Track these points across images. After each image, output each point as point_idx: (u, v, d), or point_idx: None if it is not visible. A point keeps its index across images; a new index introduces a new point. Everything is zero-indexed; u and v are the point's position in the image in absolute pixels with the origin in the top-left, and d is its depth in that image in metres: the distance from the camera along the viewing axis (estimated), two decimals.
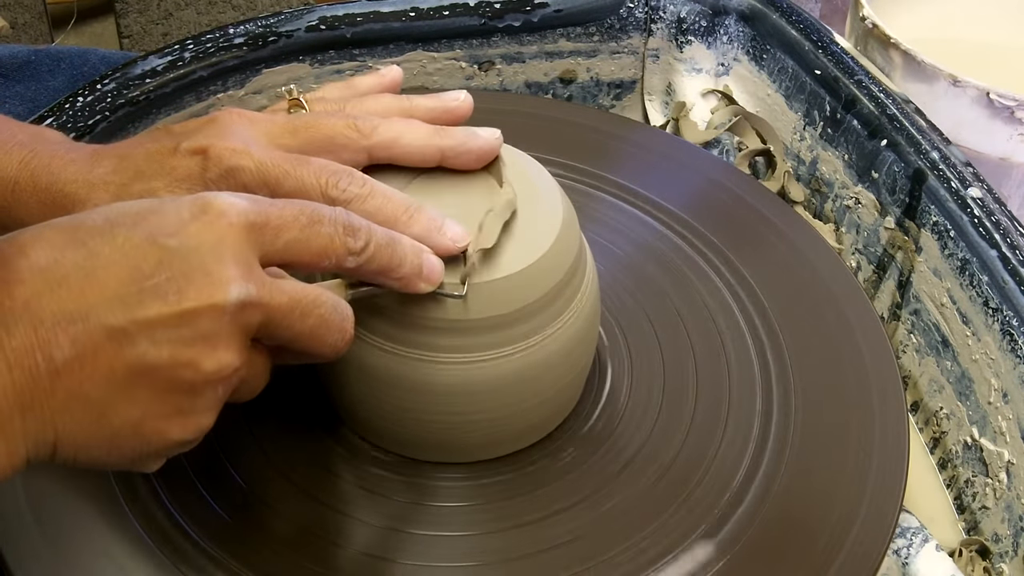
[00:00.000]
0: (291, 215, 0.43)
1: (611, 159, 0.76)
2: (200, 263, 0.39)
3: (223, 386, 0.42)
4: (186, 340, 0.39)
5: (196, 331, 0.39)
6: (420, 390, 0.53)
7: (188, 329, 0.39)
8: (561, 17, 0.86)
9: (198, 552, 0.52)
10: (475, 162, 0.55)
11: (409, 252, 0.48)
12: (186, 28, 1.63)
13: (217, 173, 0.48)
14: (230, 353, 0.41)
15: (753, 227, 0.72)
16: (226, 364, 0.41)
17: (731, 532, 0.54)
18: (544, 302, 0.53)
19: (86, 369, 0.38)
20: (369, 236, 0.46)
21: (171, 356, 0.39)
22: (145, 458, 0.42)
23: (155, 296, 0.38)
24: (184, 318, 0.39)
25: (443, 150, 0.54)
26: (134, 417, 0.40)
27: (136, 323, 0.38)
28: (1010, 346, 0.63)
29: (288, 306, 0.43)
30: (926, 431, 0.71)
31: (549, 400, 0.56)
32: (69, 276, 0.38)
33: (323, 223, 0.44)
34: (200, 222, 0.40)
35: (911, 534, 0.61)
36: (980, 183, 0.70)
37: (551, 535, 0.54)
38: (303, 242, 0.43)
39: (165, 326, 0.39)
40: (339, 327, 0.45)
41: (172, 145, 0.50)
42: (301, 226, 0.43)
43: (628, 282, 0.67)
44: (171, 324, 0.39)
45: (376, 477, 0.56)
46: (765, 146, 0.85)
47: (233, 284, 0.40)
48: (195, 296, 0.39)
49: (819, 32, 0.83)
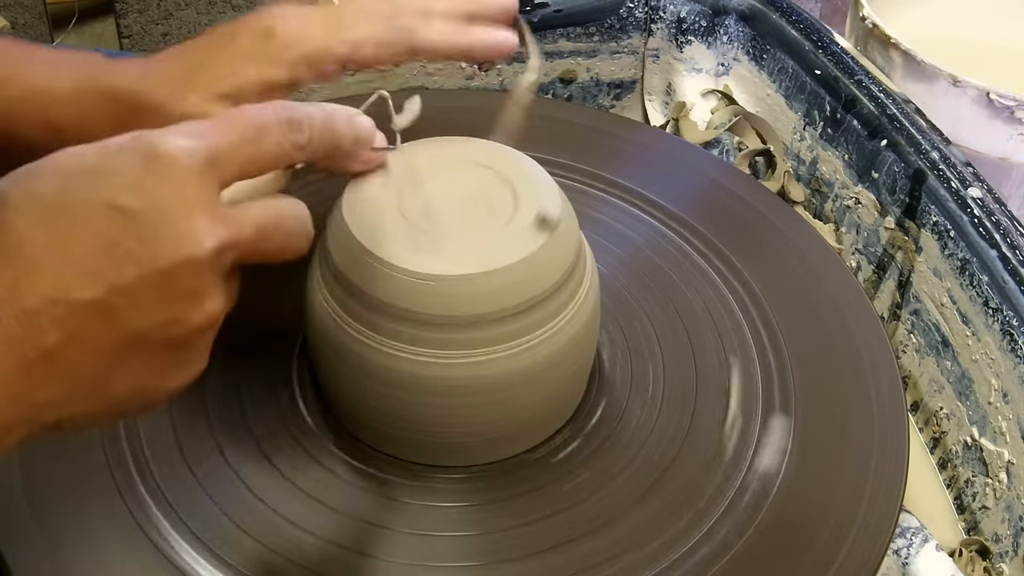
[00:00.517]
0: (238, 137, 0.42)
1: (611, 159, 0.76)
2: (166, 220, 0.38)
3: (212, 330, 0.42)
4: (170, 299, 0.39)
5: (178, 288, 0.39)
6: (419, 388, 0.53)
7: (170, 288, 0.38)
8: (561, 17, 0.86)
9: (198, 552, 0.52)
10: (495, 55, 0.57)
11: (344, 125, 0.47)
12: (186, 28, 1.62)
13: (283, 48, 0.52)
14: (215, 300, 0.40)
15: (753, 227, 0.72)
16: (213, 311, 0.40)
17: (731, 532, 0.54)
18: (543, 298, 0.53)
19: (77, 349, 0.38)
20: (311, 125, 0.45)
21: (159, 318, 0.39)
22: (146, 409, 0.42)
23: (128, 262, 0.38)
24: (163, 278, 0.38)
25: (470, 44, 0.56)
26: (132, 382, 0.40)
27: (116, 293, 0.38)
28: (1010, 346, 0.63)
29: (256, 235, 0.42)
30: (926, 431, 0.71)
31: (549, 400, 0.56)
32: (41, 259, 0.37)
33: (269, 131, 0.43)
34: (154, 174, 0.38)
35: (911, 534, 0.61)
36: (980, 183, 0.70)
37: (551, 536, 0.54)
38: (255, 157, 0.42)
39: (146, 290, 0.38)
40: (302, 231, 0.45)
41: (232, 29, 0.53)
42: (249, 141, 0.42)
43: (628, 282, 0.67)
44: (152, 287, 0.38)
45: (376, 478, 0.56)
46: (765, 146, 0.85)
47: (203, 235, 0.39)
48: (169, 255, 0.38)
49: (819, 32, 0.83)
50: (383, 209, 0.53)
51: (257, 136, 0.42)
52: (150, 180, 0.38)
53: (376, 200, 0.54)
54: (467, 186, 0.55)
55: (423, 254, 0.51)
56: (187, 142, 0.40)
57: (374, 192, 0.54)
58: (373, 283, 0.52)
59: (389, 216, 0.53)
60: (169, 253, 0.38)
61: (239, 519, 0.53)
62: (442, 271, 0.51)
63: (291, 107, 0.45)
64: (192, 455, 0.56)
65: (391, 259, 0.51)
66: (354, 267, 0.52)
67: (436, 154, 0.57)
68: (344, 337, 0.53)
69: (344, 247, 0.53)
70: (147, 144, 0.39)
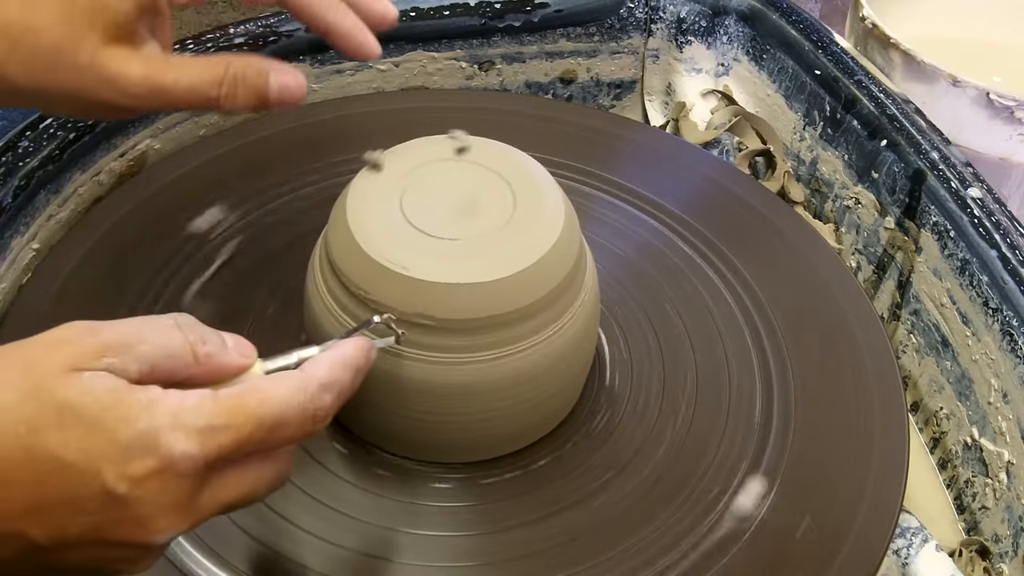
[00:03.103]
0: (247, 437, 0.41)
1: (611, 159, 0.76)
2: (136, 513, 0.40)
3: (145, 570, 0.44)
4: (111, 559, 0.41)
5: (122, 555, 0.41)
6: (420, 390, 0.53)
7: (114, 552, 0.41)
8: (561, 17, 0.86)
9: (197, 552, 0.52)
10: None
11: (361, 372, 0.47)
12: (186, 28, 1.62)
13: None
14: (151, 560, 0.43)
15: (753, 227, 0.72)
16: (146, 567, 0.43)
17: (731, 532, 0.54)
18: (545, 302, 0.53)
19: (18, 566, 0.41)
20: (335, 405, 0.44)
21: (95, 566, 0.42)
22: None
23: (91, 529, 0.40)
24: (113, 547, 0.41)
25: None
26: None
27: (68, 544, 0.40)
28: (1010, 346, 0.63)
29: (220, 511, 0.43)
30: (926, 431, 0.71)
31: (549, 400, 0.56)
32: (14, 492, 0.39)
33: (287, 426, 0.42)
34: (145, 467, 0.39)
35: (911, 534, 0.61)
36: (980, 183, 0.70)
37: (550, 535, 0.54)
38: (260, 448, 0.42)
39: (95, 548, 0.41)
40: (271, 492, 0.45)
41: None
42: (259, 442, 0.42)
43: (628, 282, 0.67)
44: (100, 548, 0.41)
45: (375, 477, 0.56)
46: (765, 146, 0.85)
47: (163, 533, 0.41)
48: (125, 536, 0.40)
49: (819, 32, 0.83)
50: (384, 210, 0.53)
51: (272, 432, 0.42)
52: (141, 470, 0.39)
53: (377, 201, 0.54)
54: (467, 186, 0.55)
55: (424, 258, 0.51)
56: (192, 449, 0.40)
57: (375, 193, 0.54)
58: (374, 286, 0.52)
59: (390, 217, 0.53)
60: (126, 535, 0.40)
61: (239, 519, 0.53)
62: (445, 278, 0.51)
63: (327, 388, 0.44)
64: None
65: (392, 263, 0.51)
66: (355, 269, 0.52)
67: (436, 154, 0.57)
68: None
69: (345, 249, 0.53)
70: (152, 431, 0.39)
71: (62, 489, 0.39)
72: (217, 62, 0.49)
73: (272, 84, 0.49)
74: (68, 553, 0.40)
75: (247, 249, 0.67)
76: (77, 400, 0.39)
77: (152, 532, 0.40)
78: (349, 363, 0.45)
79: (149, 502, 0.39)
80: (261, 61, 0.50)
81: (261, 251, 0.67)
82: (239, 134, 0.76)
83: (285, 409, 0.42)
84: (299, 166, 0.73)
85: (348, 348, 0.45)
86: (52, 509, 0.39)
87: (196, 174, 0.72)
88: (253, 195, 0.71)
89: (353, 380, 0.45)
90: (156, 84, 0.49)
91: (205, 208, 0.70)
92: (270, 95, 0.49)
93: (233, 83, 0.49)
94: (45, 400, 0.39)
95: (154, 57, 0.50)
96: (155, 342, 0.42)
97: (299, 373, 0.44)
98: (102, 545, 0.40)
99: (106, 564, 0.41)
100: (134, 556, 0.41)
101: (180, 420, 0.40)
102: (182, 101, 0.49)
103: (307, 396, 0.43)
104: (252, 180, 0.72)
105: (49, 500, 0.39)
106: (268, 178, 0.72)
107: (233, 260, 0.67)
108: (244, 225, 0.68)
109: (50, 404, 0.39)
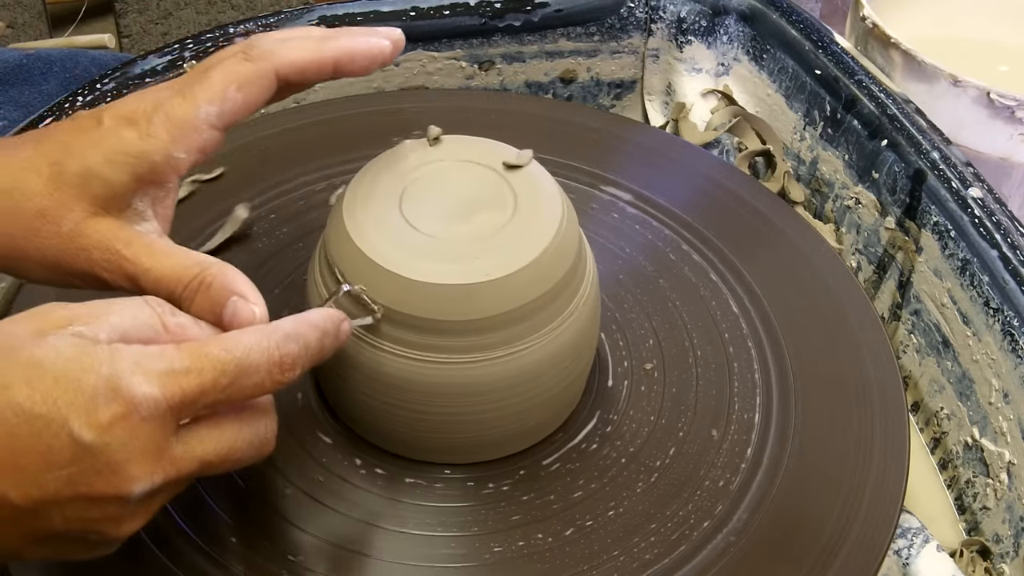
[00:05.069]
0: (211, 383, 0.42)
1: (611, 159, 0.76)
2: (109, 459, 0.40)
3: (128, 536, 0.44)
4: (93, 519, 0.42)
5: (103, 512, 0.41)
6: (420, 390, 0.53)
7: (96, 510, 0.41)
8: (561, 17, 0.86)
9: (197, 552, 0.52)
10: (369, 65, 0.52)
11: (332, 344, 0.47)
12: (186, 28, 1.62)
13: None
14: (135, 523, 0.43)
15: (753, 227, 0.72)
16: (131, 530, 0.43)
17: (731, 533, 0.54)
18: (544, 301, 0.53)
19: (3, 532, 0.41)
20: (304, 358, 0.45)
21: (78, 527, 0.42)
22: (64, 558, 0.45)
23: (67, 483, 0.40)
24: (92, 502, 0.41)
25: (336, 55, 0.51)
26: (46, 554, 0.44)
27: (48, 503, 0.40)
28: (1011, 346, 0.63)
29: (199, 469, 0.43)
30: (926, 431, 0.71)
31: (549, 400, 0.56)
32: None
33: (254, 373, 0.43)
34: (111, 412, 0.40)
35: (912, 534, 0.61)
36: (980, 183, 0.70)
37: (551, 535, 0.54)
38: (228, 398, 0.43)
39: (73, 507, 0.41)
40: (254, 456, 0.46)
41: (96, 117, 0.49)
42: (223, 388, 0.42)
43: (628, 282, 0.67)
44: (80, 506, 0.41)
45: (376, 477, 0.56)
46: (765, 147, 0.85)
47: (138, 480, 0.41)
48: (102, 487, 0.41)
49: (819, 32, 0.83)
50: (383, 211, 0.53)
51: (237, 378, 0.42)
52: (107, 416, 0.40)
53: (376, 201, 0.54)
54: (467, 185, 0.55)
55: (424, 259, 0.51)
56: (153, 391, 0.40)
57: (374, 193, 0.54)
58: (374, 287, 0.52)
59: (389, 218, 0.53)
60: (103, 486, 0.41)
61: (239, 518, 0.53)
62: (444, 279, 0.51)
63: (292, 338, 0.44)
64: None
65: (391, 264, 0.51)
66: (354, 270, 0.52)
67: (436, 153, 0.56)
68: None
69: (343, 249, 0.53)
70: (115, 376, 0.40)
71: (33, 441, 0.39)
72: (193, 263, 0.47)
73: (228, 309, 0.46)
74: (50, 514, 0.41)
75: (247, 249, 0.67)
76: (43, 356, 0.40)
77: (127, 480, 0.40)
78: (315, 323, 0.46)
79: (118, 448, 0.40)
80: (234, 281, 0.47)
81: (261, 251, 0.67)
82: (239, 134, 0.76)
83: (249, 353, 0.42)
84: (299, 166, 0.73)
85: (314, 311, 0.46)
86: (26, 464, 0.39)
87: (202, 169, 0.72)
88: (253, 195, 0.71)
89: (320, 341, 0.46)
90: (129, 270, 0.48)
91: (205, 208, 0.70)
92: (223, 316, 0.46)
93: (195, 289, 0.47)
94: (12, 360, 0.40)
95: (138, 238, 0.48)
96: (124, 314, 0.43)
97: (264, 324, 0.45)
98: (81, 501, 0.41)
99: (90, 525, 0.42)
100: (116, 513, 0.42)
101: (141, 365, 0.40)
102: (149, 291, 0.47)
103: (272, 342, 0.43)
104: (252, 180, 0.72)
105: (21, 455, 0.39)
106: (268, 178, 0.72)
107: (232, 260, 0.66)
108: (244, 225, 0.68)
109: (17, 363, 0.40)
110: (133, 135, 0.48)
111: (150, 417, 0.40)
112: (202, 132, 0.49)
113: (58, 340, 0.40)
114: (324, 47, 0.51)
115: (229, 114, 0.49)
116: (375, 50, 0.51)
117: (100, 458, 0.40)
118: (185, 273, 0.47)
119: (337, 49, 0.51)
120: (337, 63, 0.51)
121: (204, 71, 0.50)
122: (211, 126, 0.49)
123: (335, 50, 0.51)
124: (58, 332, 0.41)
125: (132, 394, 0.40)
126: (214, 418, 0.44)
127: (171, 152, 0.48)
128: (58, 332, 0.41)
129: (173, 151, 0.48)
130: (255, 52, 0.50)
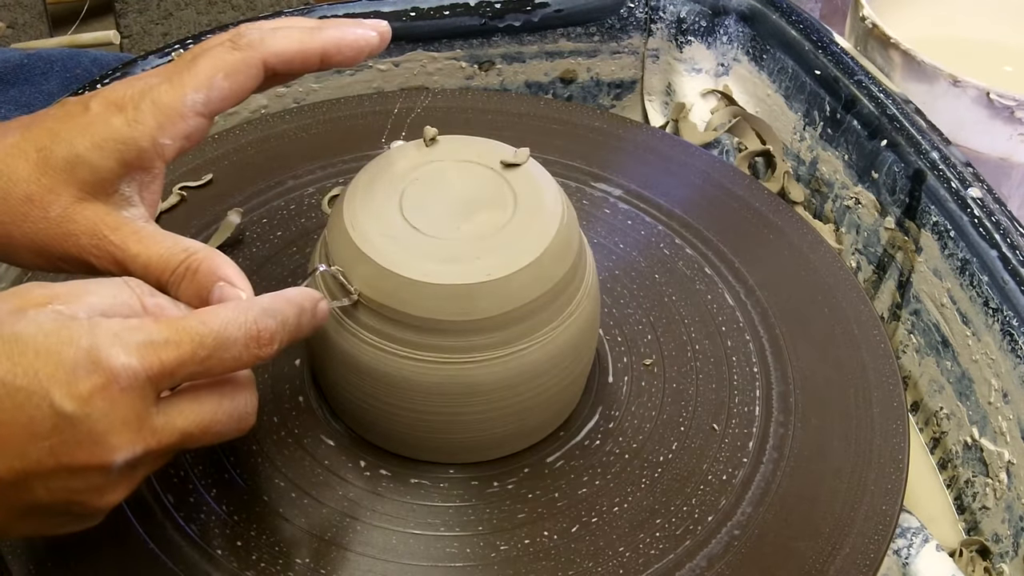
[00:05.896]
0: (189, 355, 0.42)
1: (611, 159, 0.76)
2: (90, 428, 0.41)
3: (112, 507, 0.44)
4: (77, 489, 0.42)
5: (86, 482, 0.42)
6: (421, 390, 0.53)
7: (78, 481, 0.42)
8: (561, 17, 0.86)
9: (197, 552, 0.52)
10: (356, 56, 0.52)
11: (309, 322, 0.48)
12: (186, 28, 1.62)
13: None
14: (117, 494, 0.44)
15: (753, 227, 0.72)
16: (113, 501, 0.44)
17: (731, 532, 0.54)
18: (544, 301, 0.53)
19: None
20: (281, 333, 0.45)
21: (62, 497, 0.42)
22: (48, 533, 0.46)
23: (49, 454, 0.41)
24: (75, 472, 0.41)
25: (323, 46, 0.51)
26: (31, 529, 0.44)
27: (31, 475, 0.41)
28: (1010, 346, 0.63)
29: (180, 440, 0.44)
30: (926, 431, 0.71)
31: (550, 399, 0.56)
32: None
33: (231, 346, 0.43)
34: (92, 383, 0.40)
35: (911, 534, 0.61)
36: (980, 183, 0.70)
37: (556, 533, 0.54)
38: (207, 371, 0.43)
39: (56, 478, 0.41)
40: (235, 430, 0.46)
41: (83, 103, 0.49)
42: (202, 360, 0.43)
43: (628, 282, 0.67)
44: (62, 477, 0.41)
45: (376, 477, 0.56)
46: (765, 147, 0.85)
47: (120, 449, 0.41)
48: (84, 458, 0.41)
49: (819, 32, 0.83)
50: (383, 211, 0.53)
51: (215, 351, 0.43)
52: (87, 387, 0.40)
53: (376, 201, 0.54)
54: (466, 185, 0.55)
55: (424, 259, 0.51)
56: (132, 362, 0.41)
57: (374, 194, 0.54)
58: (373, 287, 0.52)
59: (389, 218, 0.53)
60: (85, 457, 0.41)
61: (238, 518, 0.53)
62: (446, 279, 0.51)
63: (270, 313, 0.45)
64: (193, 456, 0.56)
65: (392, 264, 0.51)
66: (353, 270, 0.52)
67: (436, 153, 0.57)
68: (343, 338, 0.53)
69: (344, 250, 0.53)
70: (95, 348, 0.41)
71: (15, 414, 0.40)
72: (180, 250, 0.48)
73: (214, 294, 0.47)
74: (33, 486, 0.41)
75: (247, 250, 0.67)
76: (24, 330, 0.40)
77: (108, 450, 0.41)
78: (293, 299, 0.46)
79: (99, 419, 0.40)
80: (221, 267, 0.48)
81: (261, 251, 0.67)
82: (239, 134, 0.76)
83: (227, 326, 0.43)
84: (299, 166, 0.73)
85: (292, 289, 0.47)
86: (8, 436, 0.40)
87: (195, 175, 0.72)
88: (253, 195, 0.71)
89: (298, 318, 0.46)
90: (117, 255, 0.48)
91: (205, 208, 0.70)
92: (210, 301, 0.47)
93: (182, 274, 0.47)
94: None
95: (126, 223, 0.49)
96: (103, 293, 0.43)
97: (241, 300, 0.45)
98: (64, 472, 0.41)
99: (73, 496, 0.42)
100: (98, 483, 0.42)
101: (120, 336, 0.41)
102: (137, 276, 0.47)
103: (249, 317, 0.44)
104: (252, 180, 0.72)
105: (4, 427, 0.40)
106: (268, 178, 0.72)
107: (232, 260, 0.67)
108: (244, 225, 0.68)
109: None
110: (120, 121, 0.48)
111: (129, 388, 0.41)
112: (188, 119, 0.49)
113: (39, 315, 0.41)
114: (311, 37, 0.51)
115: (216, 102, 0.50)
116: (362, 41, 0.52)
117: (81, 428, 0.40)
118: (172, 259, 0.48)
119: (324, 40, 0.51)
120: (324, 54, 0.51)
121: (192, 59, 0.50)
122: (197, 113, 0.49)
123: (322, 40, 0.51)
124: (38, 309, 0.41)
125: (111, 365, 0.40)
126: (194, 391, 0.44)
127: (157, 138, 0.49)
128: (38, 309, 0.41)
129: (159, 137, 0.49)
130: (243, 41, 0.50)
